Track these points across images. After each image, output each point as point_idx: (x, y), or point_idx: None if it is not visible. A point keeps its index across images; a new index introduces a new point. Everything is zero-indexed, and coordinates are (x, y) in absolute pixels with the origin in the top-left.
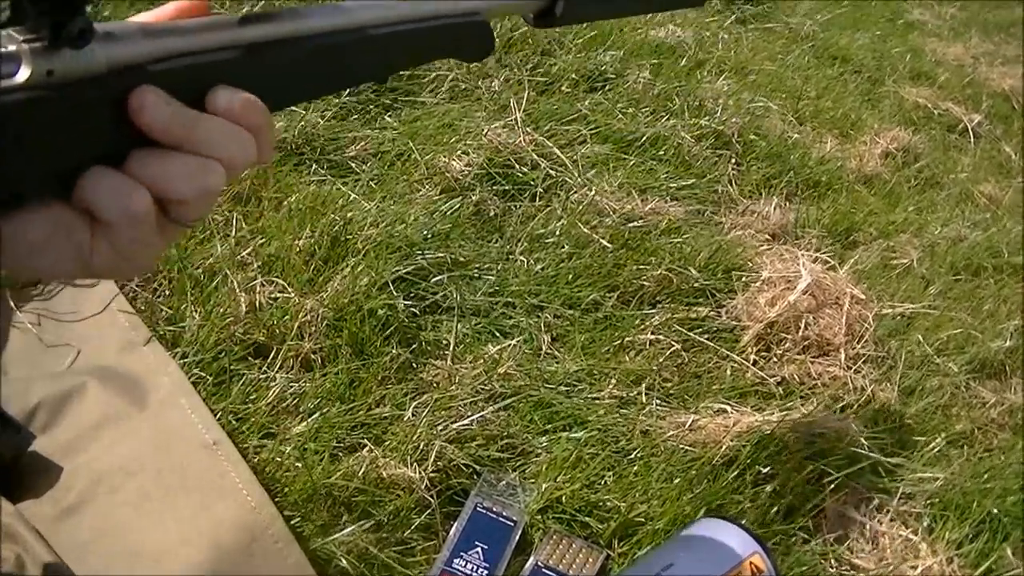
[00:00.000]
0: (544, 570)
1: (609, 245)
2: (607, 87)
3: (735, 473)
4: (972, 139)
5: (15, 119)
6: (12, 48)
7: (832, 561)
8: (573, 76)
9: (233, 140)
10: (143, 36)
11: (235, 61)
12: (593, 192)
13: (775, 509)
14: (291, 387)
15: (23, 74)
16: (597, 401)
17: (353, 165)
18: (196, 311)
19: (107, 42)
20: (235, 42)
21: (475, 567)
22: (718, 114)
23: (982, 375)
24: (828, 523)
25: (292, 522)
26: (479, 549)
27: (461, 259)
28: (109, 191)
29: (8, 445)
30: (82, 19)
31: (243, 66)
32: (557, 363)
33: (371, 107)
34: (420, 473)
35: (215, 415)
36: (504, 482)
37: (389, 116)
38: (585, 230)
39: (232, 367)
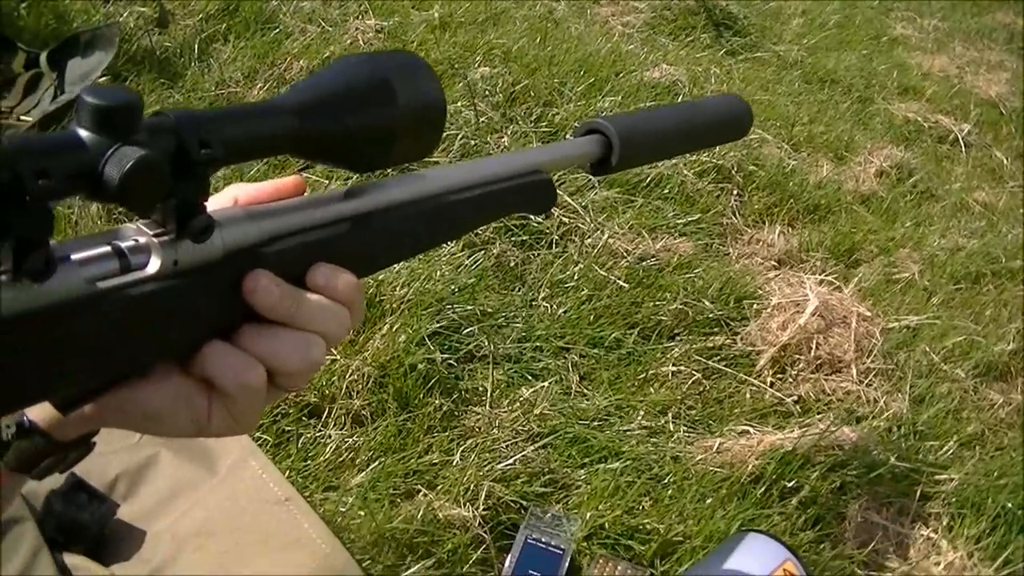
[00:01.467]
0: None
1: (625, 284)
2: None
3: (763, 489)
4: (963, 148)
5: (144, 307)
6: (143, 241)
7: (860, 563)
8: (576, 124)
9: (333, 317)
10: (249, 219)
11: (337, 236)
12: (606, 235)
13: (803, 519)
14: (346, 442)
15: (153, 265)
16: (628, 433)
17: None
18: None
19: (221, 229)
20: (336, 217)
21: None
22: (717, 148)
23: (988, 378)
24: (853, 529)
25: (363, 565)
26: None
27: (488, 310)
28: (229, 366)
29: (96, 515)
30: (205, 216)
31: (343, 240)
32: (587, 400)
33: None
34: (473, 512)
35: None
36: (550, 514)
37: None
38: (602, 272)
39: (289, 428)
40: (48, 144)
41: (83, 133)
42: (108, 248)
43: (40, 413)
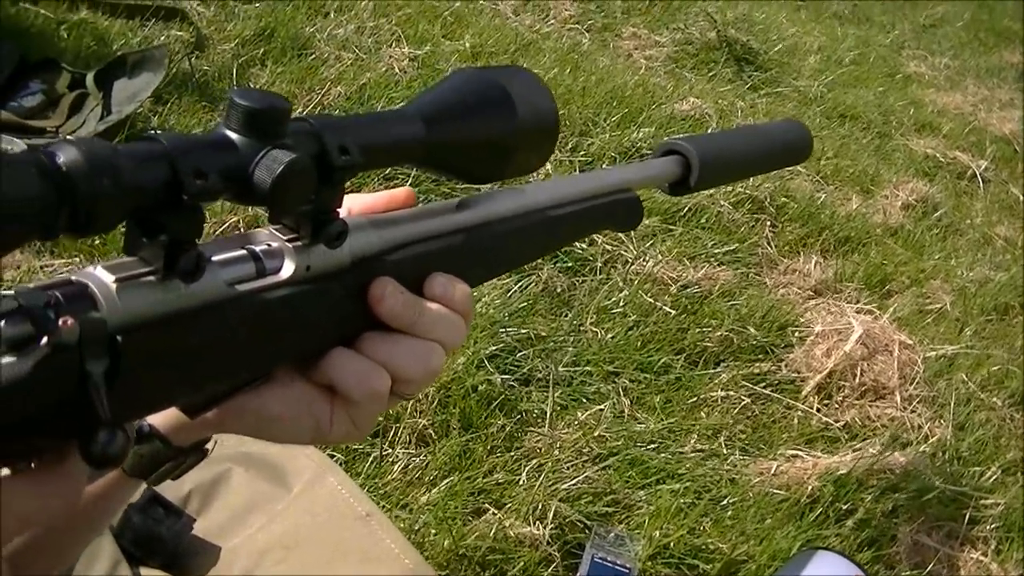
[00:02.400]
0: None
1: (671, 311)
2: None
3: (819, 511)
4: (981, 184)
5: (277, 312)
6: (276, 245)
7: None
8: (612, 154)
9: (451, 325)
10: (373, 227)
11: (451, 247)
12: (651, 263)
13: (858, 541)
14: (413, 461)
15: (287, 270)
16: (683, 455)
17: None
18: None
19: (349, 236)
20: (451, 228)
21: None
22: (750, 180)
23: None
24: (906, 551)
25: None
26: None
27: (542, 334)
28: (355, 373)
29: (172, 530)
30: (340, 222)
31: (457, 251)
32: (640, 424)
33: (433, 197)
34: (542, 530)
35: None
36: (613, 534)
37: None
38: (648, 299)
39: (357, 447)
40: (203, 143)
41: (231, 135)
42: (244, 251)
43: (158, 418)
